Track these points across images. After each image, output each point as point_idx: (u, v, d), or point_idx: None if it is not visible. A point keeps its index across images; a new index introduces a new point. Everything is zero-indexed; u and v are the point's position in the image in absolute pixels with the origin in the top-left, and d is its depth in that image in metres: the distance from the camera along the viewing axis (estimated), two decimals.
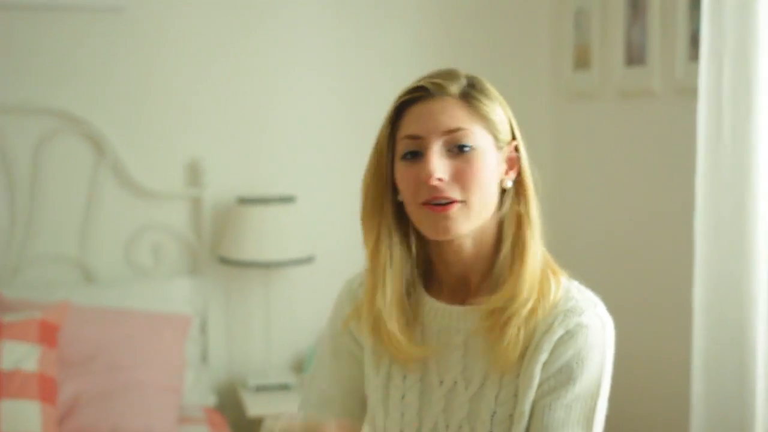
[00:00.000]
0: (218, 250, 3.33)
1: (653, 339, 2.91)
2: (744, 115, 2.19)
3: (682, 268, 2.52)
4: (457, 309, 1.45)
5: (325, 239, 3.48)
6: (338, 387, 1.55)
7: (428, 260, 1.49)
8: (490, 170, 1.40)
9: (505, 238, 1.42)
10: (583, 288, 1.44)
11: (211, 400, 3.21)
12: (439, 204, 1.37)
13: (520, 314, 1.38)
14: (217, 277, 3.40)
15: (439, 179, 1.37)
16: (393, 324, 1.43)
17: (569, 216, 3.35)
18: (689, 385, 2.37)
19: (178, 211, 3.38)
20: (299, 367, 3.48)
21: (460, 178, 1.38)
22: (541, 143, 3.51)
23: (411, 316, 1.46)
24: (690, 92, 2.52)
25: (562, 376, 1.36)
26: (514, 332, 1.37)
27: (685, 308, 2.42)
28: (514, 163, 1.44)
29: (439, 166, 1.37)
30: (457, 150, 1.38)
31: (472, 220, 1.39)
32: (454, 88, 1.40)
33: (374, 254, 1.45)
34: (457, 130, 1.38)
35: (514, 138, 1.44)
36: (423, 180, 1.37)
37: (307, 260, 3.31)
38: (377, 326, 1.46)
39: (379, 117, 3.38)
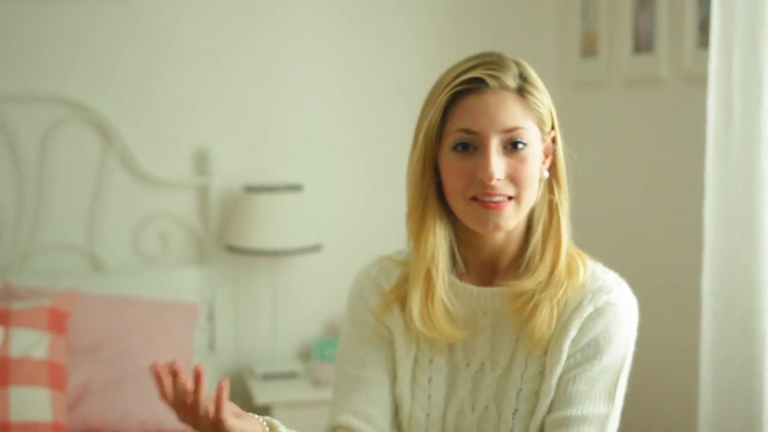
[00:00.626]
0: (225, 239, 3.34)
1: (662, 325, 2.91)
2: (754, 104, 2.18)
3: (691, 256, 2.51)
4: (485, 291, 1.46)
5: (332, 227, 3.48)
6: (371, 368, 1.50)
7: (454, 243, 1.48)
8: (538, 164, 1.42)
9: (537, 224, 1.44)
10: (607, 269, 1.48)
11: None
12: (491, 201, 1.38)
13: (553, 296, 1.40)
14: (224, 265, 3.41)
15: (498, 179, 1.38)
16: (441, 309, 1.43)
17: (577, 204, 3.34)
18: (698, 372, 2.37)
19: (186, 200, 3.38)
20: (306, 355, 3.49)
21: (515, 176, 1.39)
22: None
23: (445, 302, 1.45)
24: (698, 80, 2.51)
25: (589, 351, 1.39)
26: (548, 313, 1.40)
27: (694, 296, 2.42)
28: (549, 152, 1.45)
29: (498, 165, 1.37)
30: (512, 147, 1.39)
31: (520, 215, 1.42)
32: (511, 81, 1.39)
33: (423, 241, 1.44)
34: (515, 128, 1.38)
35: (553, 128, 1.45)
36: (480, 178, 1.37)
37: (314, 248, 3.31)
38: (422, 310, 1.44)
39: (385, 106, 3.42)
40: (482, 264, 1.48)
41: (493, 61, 1.40)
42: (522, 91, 1.39)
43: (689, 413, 2.53)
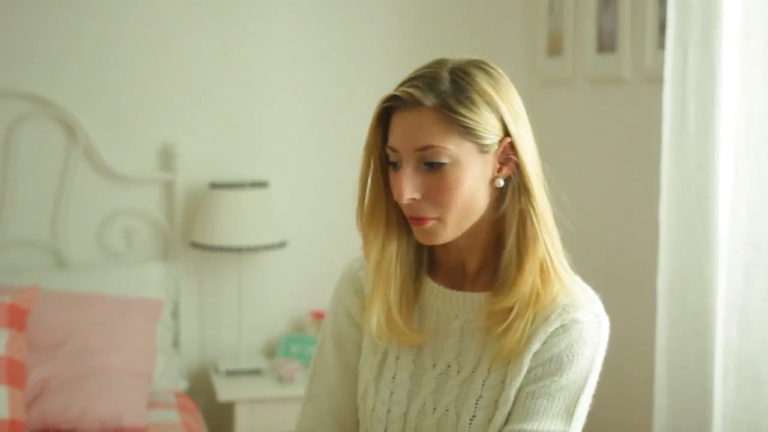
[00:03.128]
0: (190, 235, 3.33)
1: (618, 323, 2.92)
2: (708, 104, 2.20)
3: (648, 255, 2.53)
4: (456, 294, 1.45)
5: (297, 225, 3.48)
6: (343, 377, 1.54)
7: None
8: (469, 181, 1.35)
9: (509, 235, 1.38)
10: (584, 284, 1.44)
11: (181, 384, 3.21)
12: (413, 217, 1.38)
13: (528, 309, 1.37)
14: (189, 262, 3.40)
15: (412, 199, 1.35)
16: (396, 313, 1.44)
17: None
18: (653, 369, 2.39)
19: (151, 196, 3.37)
20: (271, 351, 3.49)
21: (433, 195, 1.35)
22: None
23: (413, 302, 1.46)
24: (658, 80, 2.53)
25: (551, 367, 1.36)
26: (521, 326, 1.37)
27: (650, 294, 2.44)
28: (507, 159, 1.38)
29: (408, 185, 1.34)
30: (430, 166, 1.34)
31: (451, 231, 1.38)
32: (430, 99, 1.33)
33: (379, 257, 1.44)
34: (428, 147, 1.33)
35: (508, 135, 1.37)
36: (395, 197, 1.37)
37: (280, 245, 3.31)
38: (385, 314, 1.45)
39: (351, 104, 3.43)
40: (451, 267, 1.47)
41: (423, 75, 1.36)
42: (444, 107, 1.33)
43: (645, 406, 2.55)
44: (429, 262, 1.50)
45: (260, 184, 3.30)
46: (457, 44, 3.50)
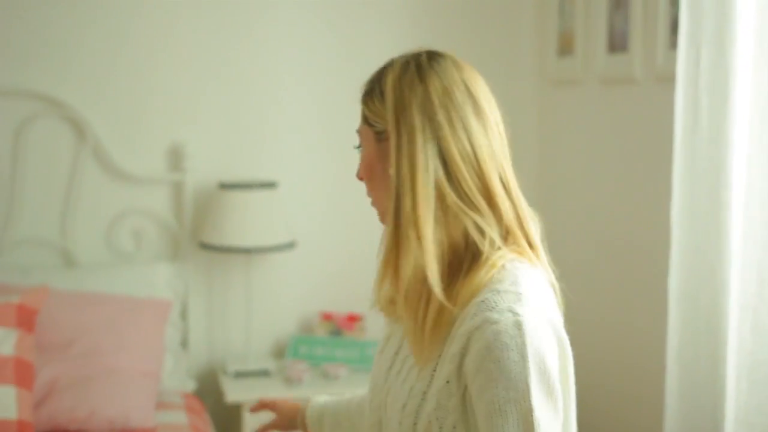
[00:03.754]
0: (199, 236, 3.32)
1: (630, 323, 2.91)
2: (720, 104, 2.18)
3: (660, 255, 2.51)
4: None
5: (307, 225, 3.47)
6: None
7: None
8: (373, 164, 1.46)
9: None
10: (522, 279, 1.35)
11: (190, 385, 3.20)
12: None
13: (435, 308, 1.36)
14: (198, 262, 3.39)
15: (360, 177, 1.50)
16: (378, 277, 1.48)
17: (550, 200, 3.35)
18: (664, 369, 2.37)
19: (160, 196, 3.37)
20: (280, 353, 3.48)
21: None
22: (526, 128, 3.51)
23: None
24: (670, 80, 2.51)
25: (484, 378, 1.30)
26: (422, 321, 1.37)
27: (661, 294, 2.42)
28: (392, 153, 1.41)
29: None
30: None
31: (379, 210, 1.48)
32: (363, 90, 1.49)
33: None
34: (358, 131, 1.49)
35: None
36: None
37: (289, 246, 3.30)
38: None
39: (360, 105, 3.35)
40: None
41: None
42: (363, 97, 1.48)
43: (656, 407, 2.53)
44: None
45: (269, 185, 3.29)
46: (467, 44, 3.48)
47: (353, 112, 3.79)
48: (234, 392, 3.13)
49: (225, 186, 3.26)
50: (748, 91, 2.15)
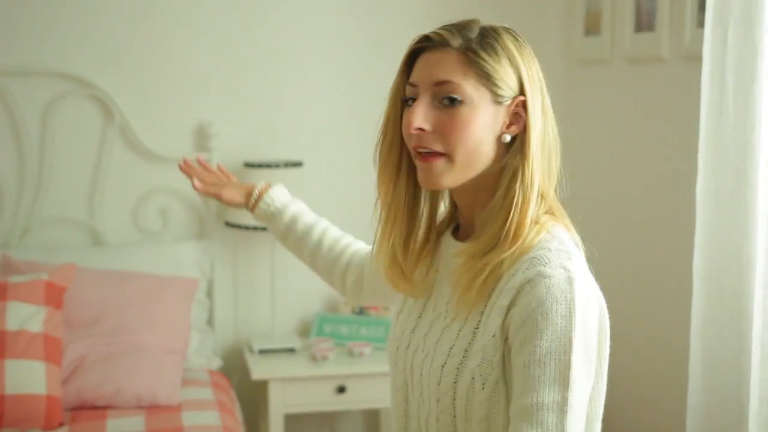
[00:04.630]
0: (225, 215, 3.34)
1: (654, 305, 2.90)
2: (747, 83, 2.16)
3: (685, 236, 2.50)
4: (456, 244, 1.50)
5: (332, 204, 3.46)
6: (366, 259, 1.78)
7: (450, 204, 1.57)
8: (479, 125, 1.40)
9: (499, 188, 1.43)
10: (567, 241, 1.42)
11: (215, 363, 3.23)
12: (423, 153, 1.42)
13: (491, 262, 1.39)
14: (223, 241, 3.42)
15: (420, 129, 1.40)
16: (399, 259, 1.52)
17: (575, 180, 3.33)
18: (688, 351, 2.36)
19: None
20: (304, 331, 3.50)
21: (443, 130, 1.40)
22: (552, 106, 3.48)
23: (418, 254, 1.53)
24: (697, 59, 2.48)
25: (529, 329, 1.34)
26: (474, 278, 1.40)
27: (686, 273, 2.41)
28: (518, 118, 1.43)
29: (419, 115, 1.40)
30: (447, 102, 1.40)
31: (456, 174, 1.42)
32: (456, 41, 1.41)
33: (389, 197, 1.53)
34: (446, 82, 1.40)
35: (523, 94, 1.43)
36: (404, 125, 1.43)
37: None
38: (389, 259, 1.54)
39: (385, 84, 3.37)
40: (465, 221, 1.52)
41: (452, 24, 1.44)
42: (467, 50, 1.40)
43: (680, 389, 2.53)
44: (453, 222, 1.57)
45: (295, 164, 3.30)
46: (494, 22, 3.45)
47: (377, 92, 3.77)
48: (259, 369, 3.16)
49: (250, 165, 3.27)
50: None
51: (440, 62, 1.41)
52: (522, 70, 1.43)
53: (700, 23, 2.59)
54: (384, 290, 1.65)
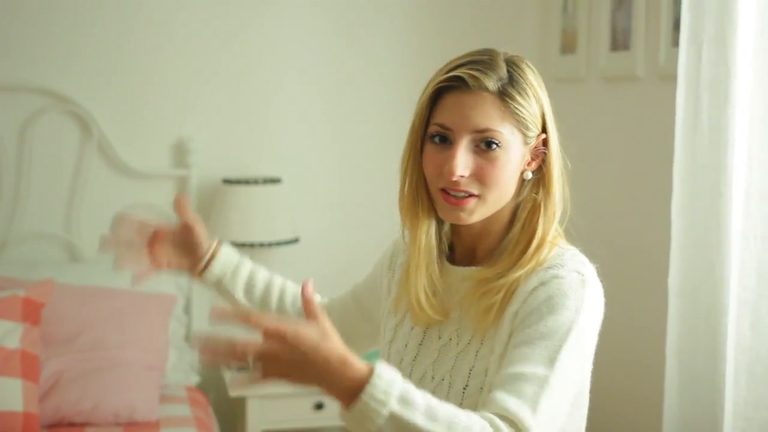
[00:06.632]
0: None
1: (630, 320, 2.93)
2: (722, 102, 2.20)
3: (660, 252, 2.53)
4: (460, 270, 1.50)
5: (310, 221, 3.49)
6: (353, 296, 1.76)
7: (442, 228, 1.56)
8: (512, 167, 1.43)
9: (517, 221, 1.46)
10: (578, 254, 1.47)
11: (193, 379, 3.22)
12: (455, 196, 1.42)
13: (507, 282, 1.41)
14: None
15: (461, 176, 1.41)
16: (421, 294, 1.50)
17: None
18: (664, 365, 2.39)
19: (164, 191, 3.39)
20: None
21: (482, 175, 1.41)
22: None
23: (436, 284, 1.51)
24: (672, 78, 2.52)
25: (531, 318, 1.36)
26: (492, 299, 1.41)
27: (661, 289, 2.43)
28: (538, 154, 1.46)
29: (462, 162, 1.40)
30: (484, 147, 1.41)
31: (484, 212, 1.45)
32: (492, 84, 1.40)
33: (414, 236, 1.51)
34: (487, 130, 1.40)
35: (544, 131, 1.45)
36: (445, 172, 1.41)
37: (292, 241, 3.32)
38: (422, 298, 1.51)
39: (364, 100, 3.45)
40: (464, 248, 1.53)
41: (481, 61, 1.42)
42: (503, 94, 1.40)
43: (655, 404, 2.55)
44: (448, 246, 1.57)
45: (273, 180, 3.31)
46: (470, 41, 3.45)
47: (356, 109, 3.80)
48: (237, 386, 3.14)
49: (229, 181, 3.28)
50: (749, 89, 2.17)
51: (477, 107, 1.40)
52: (545, 107, 1.45)
53: (675, 42, 2.63)
54: (356, 331, 1.71)
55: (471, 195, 1.42)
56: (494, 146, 1.40)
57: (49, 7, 3.24)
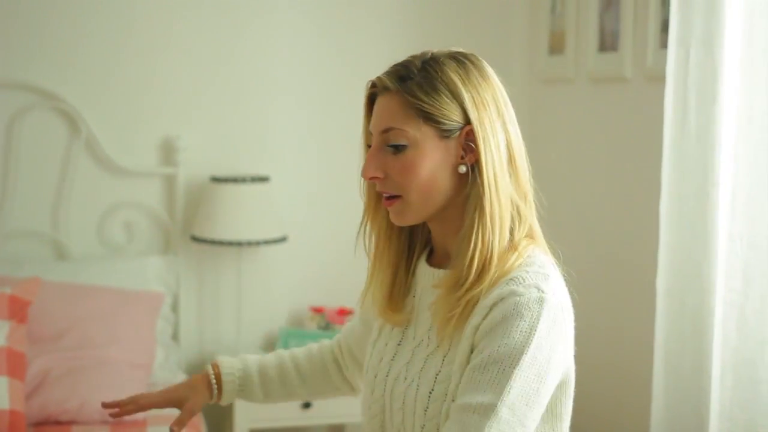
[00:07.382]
0: (191, 229, 3.34)
1: (618, 321, 2.94)
2: (709, 103, 2.21)
3: (648, 254, 2.54)
4: (434, 271, 1.51)
5: (298, 219, 3.49)
6: (360, 318, 1.74)
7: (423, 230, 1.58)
8: (428, 164, 1.41)
9: (466, 218, 1.43)
10: (547, 264, 1.43)
11: (180, 378, 3.21)
12: (386, 198, 1.46)
13: (466, 298, 1.40)
14: (189, 255, 3.41)
15: (374, 177, 1.44)
16: (387, 296, 1.54)
17: (539, 198, 3.37)
18: (651, 366, 2.40)
19: (152, 189, 3.38)
20: (270, 346, 3.50)
21: (394, 175, 1.43)
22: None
23: (404, 284, 1.54)
24: (660, 79, 2.54)
25: (488, 340, 1.36)
26: (453, 311, 1.41)
27: (649, 291, 2.45)
28: (471, 147, 1.42)
29: (371, 165, 1.44)
30: (392, 146, 1.43)
31: (416, 211, 1.45)
32: (394, 85, 1.42)
33: (376, 238, 1.54)
34: (389, 129, 1.42)
35: (469, 123, 1.41)
36: (361, 175, 1.47)
37: (280, 240, 3.32)
38: (380, 296, 1.55)
39: (352, 99, 3.44)
40: (438, 248, 1.54)
41: (398, 63, 1.46)
42: (404, 91, 1.41)
43: (643, 404, 2.56)
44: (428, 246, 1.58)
45: (261, 179, 3.31)
46: (458, 43, 3.44)
47: (344, 108, 3.81)
48: None
49: (217, 180, 3.27)
50: (736, 90, 2.18)
51: (383, 108, 1.44)
52: (465, 100, 1.41)
53: (663, 44, 2.65)
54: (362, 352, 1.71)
55: (394, 196, 1.44)
56: (402, 145, 1.41)
57: (37, 3, 3.23)
